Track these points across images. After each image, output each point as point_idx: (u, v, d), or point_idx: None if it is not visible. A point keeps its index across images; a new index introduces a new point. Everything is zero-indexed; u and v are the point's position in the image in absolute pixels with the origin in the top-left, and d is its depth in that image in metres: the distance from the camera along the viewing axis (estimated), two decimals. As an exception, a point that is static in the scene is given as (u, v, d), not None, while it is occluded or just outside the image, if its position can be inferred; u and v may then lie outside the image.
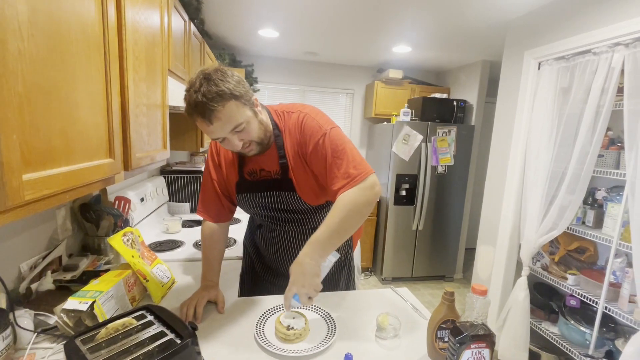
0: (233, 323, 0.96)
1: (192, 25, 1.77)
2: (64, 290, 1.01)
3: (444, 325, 0.82)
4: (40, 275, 1.01)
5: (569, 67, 1.80)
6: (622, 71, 1.53)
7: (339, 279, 1.25)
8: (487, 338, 0.72)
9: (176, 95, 1.38)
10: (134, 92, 0.93)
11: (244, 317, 0.98)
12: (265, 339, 0.87)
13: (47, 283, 1.00)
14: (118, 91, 0.84)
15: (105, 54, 0.77)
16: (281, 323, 0.89)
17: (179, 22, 1.51)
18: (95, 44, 0.73)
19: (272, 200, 1.04)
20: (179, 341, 0.67)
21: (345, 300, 1.11)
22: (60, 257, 1.10)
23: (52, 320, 0.86)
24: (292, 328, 0.87)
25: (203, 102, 0.79)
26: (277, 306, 1.02)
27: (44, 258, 1.03)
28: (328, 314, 0.99)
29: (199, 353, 0.70)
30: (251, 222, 1.30)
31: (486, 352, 0.73)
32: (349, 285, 1.29)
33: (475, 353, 0.72)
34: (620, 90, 1.58)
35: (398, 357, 0.85)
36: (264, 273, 1.25)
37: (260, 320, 0.95)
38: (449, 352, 0.75)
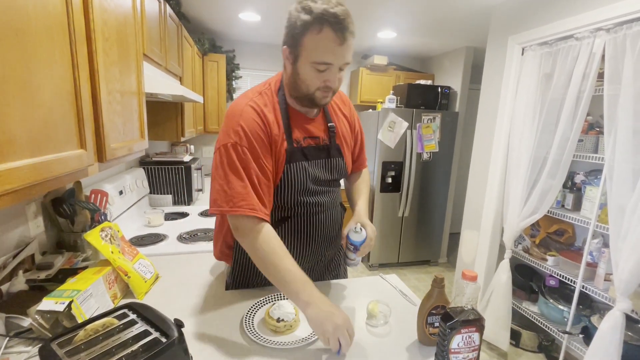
0: (221, 317, 0.93)
1: (168, 6, 1.67)
2: (39, 290, 0.95)
3: (434, 311, 0.82)
4: (11, 275, 0.95)
5: (551, 53, 1.82)
6: (603, 56, 1.55)
7: (338, 259, 1.19)
8: (477, 322, 0.73)
9: (153, 81, 1.31)
10: (106, 77, 0.86)
11: (232, 311, 0.96)
12: (254, 332, 0.85)
13: (19, 283, 0.94)
14: (87, 76, 0.78)
15: (71, 34, 0.70)
16: (270, 315, 0.87)
17: (152, 3, 1.41)
18: (58, 23, 0.66)
19: (322, 168, 0.96)
20: (164, 340, 0.64)
21: (335, 289, 1.11)
22: (32, 256, 1.04)
23: (27, 322, 0.81)
24: (282, 320, 0.86)
25: (344, 18, 0.75)
26: (265, 298, 1.00)
27: (14, 257, 0.97)
28: (318, 304, 0.98)
29: (186, 350, 0.68)
30: None
31: (476, 336, 0.74)
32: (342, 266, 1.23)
33: (466, 337, 0.73)
34: (600, 75, 1.61)
35: (389, 343, 0.85)
36: None
37: (249, 312, 0.93)
38: (439, 337, 0.75)
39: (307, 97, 0.87)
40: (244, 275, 1.07)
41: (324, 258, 1.11)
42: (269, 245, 0.82)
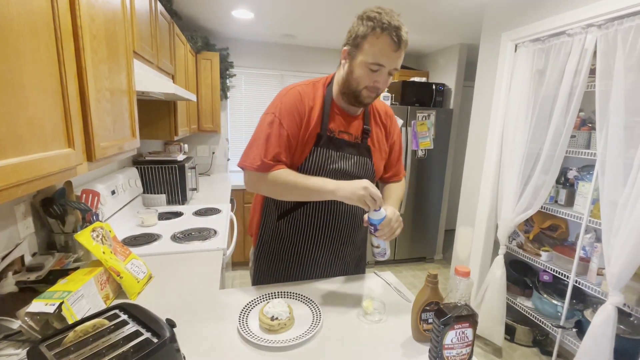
0: (215, 316, 0.93)
1: (159, 3, 1.65)
2: (29, 291, 0.93)
3: (428, 308, 0.82)
4: (0, 277, 0.93)
5: (544, 49, 1.83)
6: (595, 52, 1.56)
7: (358, 259, 1.26)
8: (470, 318, 0.73)
9: (145, 79, 1.29)
10: (94, 75, 0.85)
11: (225, 310, 0.95)
12: (249, 331, 0.84)
13: (9, 285, 0.92)
14: (74, 73, 0.76)
15: (56, 30, 0.69)
16: (265, 314, 0.86)
17: (143, -1, 1.39)
18: (42, 19, 0.64)
19: (349, 162, 1.04)
20: (155, 340, 0.63)
21: (330, 286, 1.10)
22: (22, 257, 1.02)
23: (16, 324, 0.80)
24: (277, 318, 0.85)
25: (402, 30, 0.87)
26: (260, 297, 0.99)
27: (3, 258, 0.95)
28: (312, 301, 0.98)
29: (178, 350, 0.67)
30: (275, 207, 1.11)
31: (469, 331, 0.74)
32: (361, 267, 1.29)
33: (459, 333, 0.73)
34: (592, 71, 1.62)
35: (384, 340, 0.85)
36: (287, 256, 1.14)
37: (244, 312, 0.92)
38: (433, 333, 0.75)
39: (354, 93, 0.96)
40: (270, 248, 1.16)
41: (341, 253, 1.15)
42: (282, 173, 0.94)
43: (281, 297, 1.00)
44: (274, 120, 0.95)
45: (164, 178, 2.13)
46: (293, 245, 1.12)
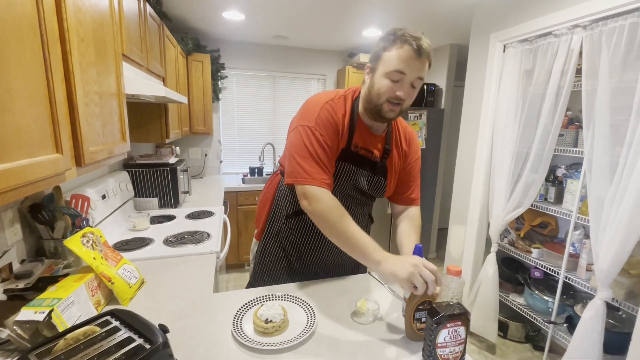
0: (209, 320, 0.92)
1: (148, 5, 1.64)
2: (18, 299, 0.91)
3: (421, 307, 0.83)
4: (-12, 285, 0.91)
5: (532, 50, 1.86)
6: (581, 53, 1.60)
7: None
8: (462, 316, 0.74)
9: (134, 82, 1.28)
10: (82, 79, 0.84)
11: (220, 314, 0.95)
12: (243, 335, 0.84)
13: (-4, 293, 0.91)
14: (62, 77, 0.75)
15: (42, 35, 0.68)
16: (259, 317, 0.86)
17: (131, 1, 1.38)
18: (27, 23, 0.63)
19: (362, 179, 1.05)
20: (148, 346, 0.63)
21: (323, 287, 1.10)
22: (10, 264, 1.00)
23: (5, 333, 0.78)
24: (271, 321, 0.85)
25: (423, 40, 0.88)
26: (253, 300, 0.99)
27: (-10, 266, 0.93)
28: (306, 303, 0.98)
29: (171, 356, 0.66)
30: (288, 205, 1.12)
31: (462, 329, 0.75)
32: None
33: (452, 331, 0.74)
34: (579, 71, 1.65)
35: (378, 340, 0.86)
36: (293, 256, 1.16)
37: (237, 315, 0.92)
38: (426, 332, 0.76)
39: (375, 108, 0.95)
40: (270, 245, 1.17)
41: (341, 258, 1.17)
42: (336, 211, 0.89)
43: (275, 300, 1.00)
44: (314, 134, 0.94)
45: (155, 181, 2.11)
46: (296, 245, 1.14)
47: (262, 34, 3.03)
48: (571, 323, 1.81)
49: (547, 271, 1.90)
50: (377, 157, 1.06)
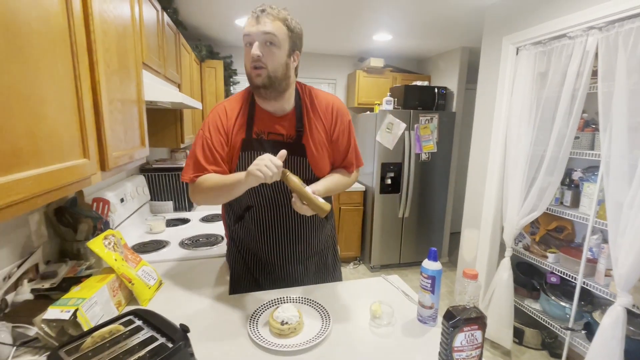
0: (225, 322, 0.94)
1: (165, 14, 1.69)
2: (44, 299, 0.95)
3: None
4: (16, 285, 0.95)
5: (545, 52, 1.84)
6: (596, 54, 1.57)
7: (325, 259, 1.27)
8: (479, 320, 0.74)
9: (153, 89, 1.32)
10: (107, 87, 0.88)
11: (236, 315, 0.96)
12: (259, 336, 0.86)
13: (24, 293, 0.94)
14: (89, 86, 0.79)
15: (72, 45, 0.71)
16: (275, 319, 0.88)
17: (150, 11, 1.43)
18: (59, 35, 0.67)
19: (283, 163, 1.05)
20: (170, 345, 0.65)
21: (338, 291, 1.11)
22: (36, 265, 1.05)
23: (33, 331, 0.82)
24: (286, 323, 0.87)
25: (266, 6, 0.91)
26: (269, 302, 1.00)
27: (18, 267, 0.97)
28: (321, 306, 0.99)
29: (192, 355, 0.68)
30: (231, 211, 1.20)
31: (478, 334, 0.75)
32: (336, 267, 1.31)
33: (468, 335, 0.74)
34: (594, 73, 1.62)
35: (393, 344, 0.86)
36: (254, 266, 1.20)
37: (253, 317, 0.94)
38: (442, 336, 0.76)
39: (249, 79, 0.97)
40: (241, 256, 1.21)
41: (300, 256, 1.17)
42: (206, 178, 0.99)
43: (290, 302, 1.01)
44: (203, 136, 1.02)
45: (170, 185, 2.16)
46: (251, 248, 1.18)
47: (274, 40, 3.07)
48: (589, 330, 1.76)
49: (564, 276, 1.87)
50: (291, 138, 1.04)
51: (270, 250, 1.15)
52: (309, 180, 1.02)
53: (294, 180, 0.87)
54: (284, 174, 0.87)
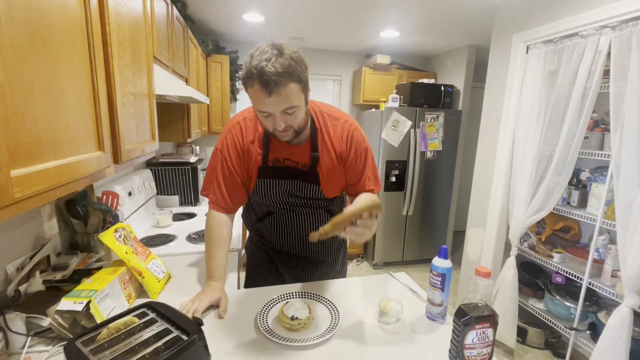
0: (236, 316, 0.94)
1: (175, 8, 1.68)
2: (55, 290, 0.96)
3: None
4: (29, 276, 0.96)
5: (556, 51, 1.83)
6: (609, 54, 1.56)
7: (336, 258, 1.31)
8: (490, 318, 0.74)
9: (162, 83, 1.32)
10: (120, 80, 0.88)
11: (246, 309, 0.97)
12: (270, 330, 0.86)
13: (37, 284, 0.95)
14: (104, 79, 0.79)
15: (89, 37, 0.71)
16: (285, 314, 0.88)
17: (161, 5, 1.42)
18: (77, 28, 0.67)
19: (293, 187, 1.06)
20: (185, 337, 0.66)
21: (346, 287, 1.12)
22: (48, 257, 1.05)
23: (46, 322, 0.83)
24: (297, 318, 0.87)
25: (271, 73, 0.77)
26: (279, 296, 1.01)
27: (30, 258, 0.98)
28: (331, 302, 0.99)
29: (206, 347, 0.69)
30: (253, 212, 1.22)
31: (490, 331, 0.75)
32: (344, 265, 1.36)
33: (480, 333, 0.74)
34: (606, 72, 1.61)
35: (402, 340, 0.86)
36: (276, 257, 1.25)
37: (263, 311, 0.94)
38: (454, 333, 0.76)
39: (273, 136, 0.96)
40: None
41: (312, 254, 1.22)
42: (215, 232, 1.05)
43: (300, 297, 1.02)
44: (222, 157, 1.04)
45: (177, 179, 2.16)
46: (270, 246, 1.22)
47: (280, 35, 3.06)
48: (594, 330, 1.76)
49: (570, 276, 1.86)
50: (306, 166, 1.04)
51: (288, 249, 1.20)
52: (318, 200, 1.10)
53: (339, 221, 0.79)
54: (329, 233, 0.78)
